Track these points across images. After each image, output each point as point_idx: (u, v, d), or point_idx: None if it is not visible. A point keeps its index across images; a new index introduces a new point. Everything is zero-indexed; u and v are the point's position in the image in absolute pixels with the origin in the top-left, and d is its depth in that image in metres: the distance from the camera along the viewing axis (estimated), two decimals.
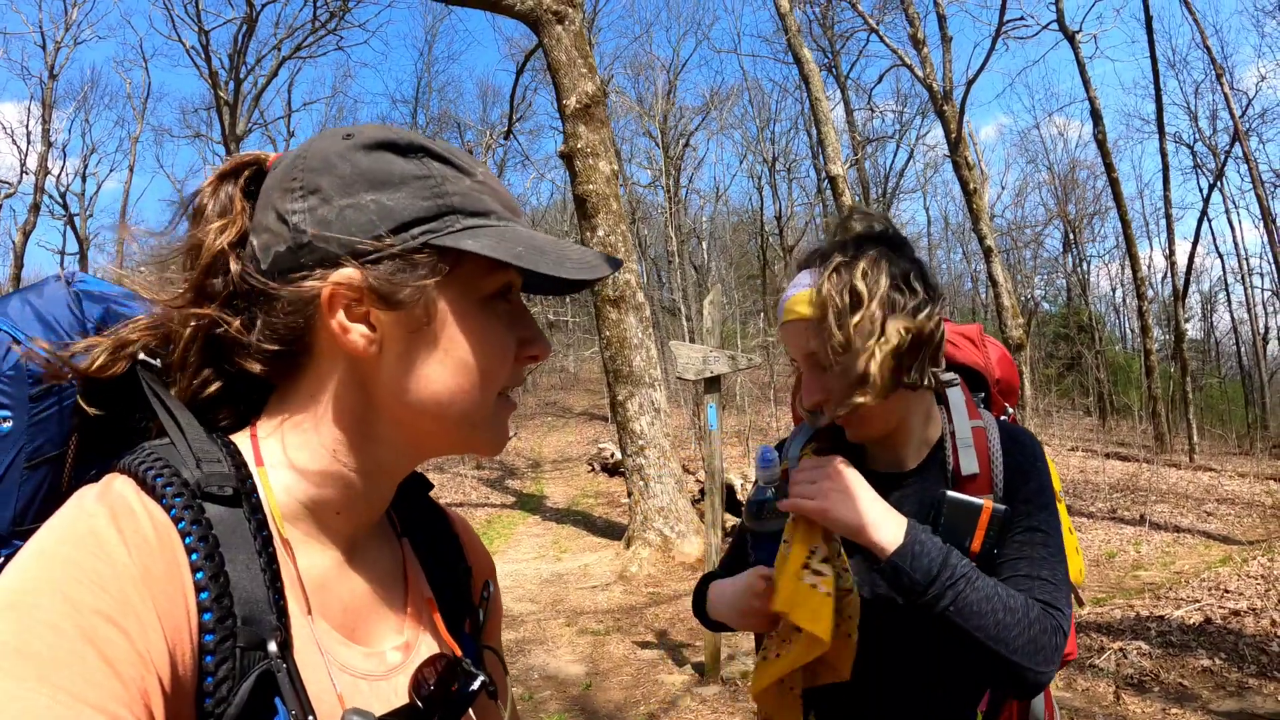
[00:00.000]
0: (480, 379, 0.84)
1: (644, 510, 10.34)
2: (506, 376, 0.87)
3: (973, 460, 1.58)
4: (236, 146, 25.07)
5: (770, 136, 36.81)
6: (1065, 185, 33.65)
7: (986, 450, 1.59)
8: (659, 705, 5.83)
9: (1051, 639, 1.41)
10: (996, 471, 1.57)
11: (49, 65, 27.02)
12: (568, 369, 36.99)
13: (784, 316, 1.59)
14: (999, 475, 1.56)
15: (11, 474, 0.90)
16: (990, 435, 1.61)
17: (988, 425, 1.63)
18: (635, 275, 10.75)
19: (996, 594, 1.40)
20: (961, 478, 1.58)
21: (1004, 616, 1.38)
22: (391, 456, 0.87)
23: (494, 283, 0.85)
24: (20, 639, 0.59)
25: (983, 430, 1.62)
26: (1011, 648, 1.37)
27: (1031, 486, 1.55)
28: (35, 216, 25.58)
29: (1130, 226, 20.82)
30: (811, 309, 1.51)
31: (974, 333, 1.96)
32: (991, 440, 1.60)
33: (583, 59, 10.81)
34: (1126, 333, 35.75)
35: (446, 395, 0.83)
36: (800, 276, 1.59)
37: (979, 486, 1.56)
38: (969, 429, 1.62)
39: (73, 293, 0.99)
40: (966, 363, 1.85)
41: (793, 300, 1.57)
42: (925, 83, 17.74)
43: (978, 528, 1.48)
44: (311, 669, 0.76)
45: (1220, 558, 8.81)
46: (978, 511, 1.49)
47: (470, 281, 0.83)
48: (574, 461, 20.76)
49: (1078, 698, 5.35)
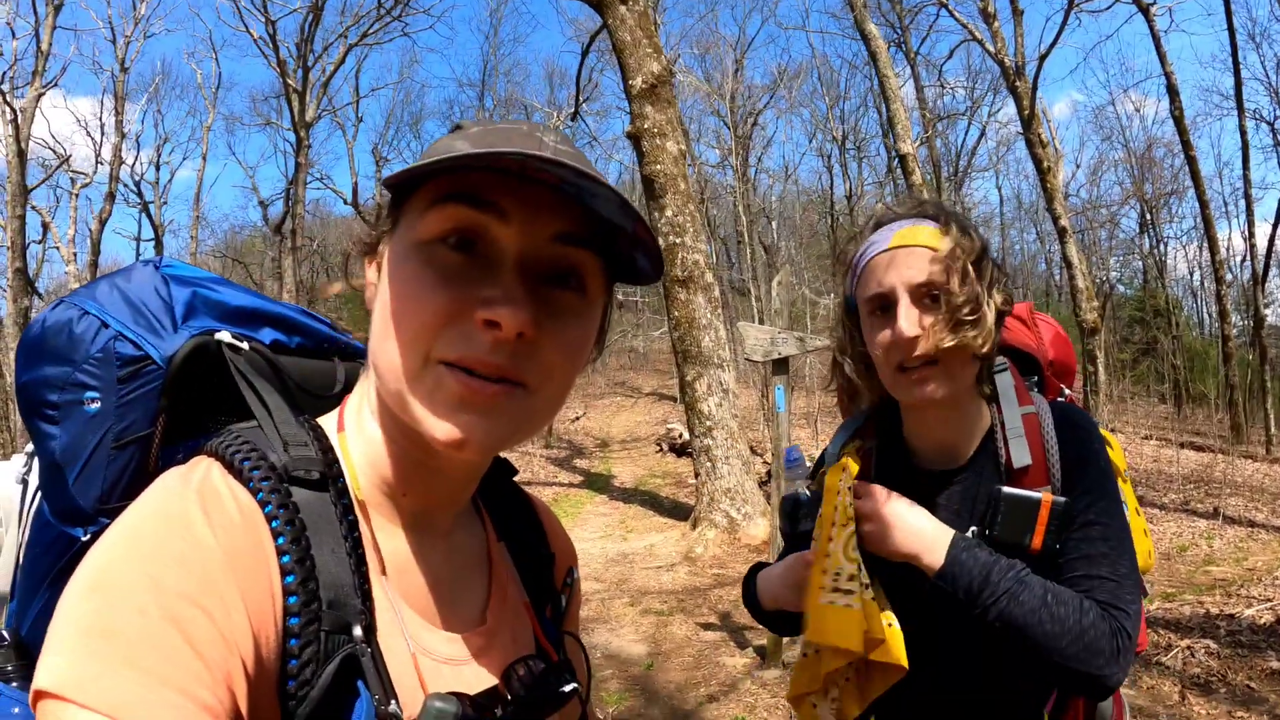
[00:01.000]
0: (393, 330, 0.75)
1: (710, 491, 10.33)
2: (432, 335, 0.73)
3: (1025, 451, 1.51)
4: (306, 133, 25.51)
5: (840, 114, 36.39)
6: (1142, 164, 32.56)
7: (1040, 439, 1.52)
8: (719, 687, 5.83)
9: (1111, 641, 1.37)
10: (1052, 460, 1.50)
11: (120, 59, 27.67)
12: (637, 349, 37.04)
13: (895, 242, 1.47)
14: (1055, 464, 1.49)
15: (99, 453, 0.92)
16: (1044, 422, 1.53)
17: (1040, 411, 1.54)
18: (704, 255, 10.69)
19: (1045, 603, 1.37)
20: (1014, 470, 1.51)
21: (1051, 627, 1.36)
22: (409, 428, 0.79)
23: (430, 225, 0.75)
24: (105, 620, 0.60)
25: (1035, 417, 1.54)
26: (1066, 655, 1.35)
27: (1091, 475, 1.48)
28: (111, 205, 26.23)
29: (1209, 207, 20.10)
30: (940, 241, 1.45)
31: (1023, 311, 1.85)
32: (1045, 427, 1.52)
33: (648, 39, 10.75)
34: (1204, 318, 34.53)
35: (375, 346, 0.78)
36: (888, 227, 1.51)
37: (1034, 478, 1.50)
38: (1019, 417, 1.54)
39: (160, 277, 1.01)
40: (1016, 345, 1.74)
41: (911, 229, 1.47)
42: (996, 58, 17.30)
43: (1037, 524, 1.44)
44: (394, 653, 0.76)
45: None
46: (1036, 506, 1.44)
47: (409, 225, 0.77)
48: (642, 441, 20.81)
49: (1142, 696, 5.22)
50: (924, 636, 1.51)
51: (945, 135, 35.53)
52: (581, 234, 0.77)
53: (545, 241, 0.76)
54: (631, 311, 38.77)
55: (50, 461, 0.94)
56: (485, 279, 0.74)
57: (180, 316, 0.96)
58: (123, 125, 27.60)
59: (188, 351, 0.93)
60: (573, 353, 0.80)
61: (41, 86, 19.37)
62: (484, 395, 0.73)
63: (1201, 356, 28.55)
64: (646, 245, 0.78)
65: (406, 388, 0.75)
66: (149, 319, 0.95)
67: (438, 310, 0.73)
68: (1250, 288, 22.42)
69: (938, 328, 1.42)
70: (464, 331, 0.73)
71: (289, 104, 26.41)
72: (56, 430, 0.93)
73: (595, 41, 18.90)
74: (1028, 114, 16.69)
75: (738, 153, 33.37)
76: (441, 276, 0.74)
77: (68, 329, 0.94)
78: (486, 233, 0.75)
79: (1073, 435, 1.51)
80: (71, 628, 0.60)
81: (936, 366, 1.45)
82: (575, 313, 0.79)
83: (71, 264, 27.36)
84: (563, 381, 0.80)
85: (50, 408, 0.94)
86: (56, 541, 0.96)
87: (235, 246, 43.37)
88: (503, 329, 0.72)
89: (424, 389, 0.74)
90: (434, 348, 0.73)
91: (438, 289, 0.73)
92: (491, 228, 0.74)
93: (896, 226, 1.50)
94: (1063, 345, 1.86)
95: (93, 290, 0.99)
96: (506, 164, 0.71)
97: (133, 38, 28.13)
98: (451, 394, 0.73)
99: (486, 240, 0.75)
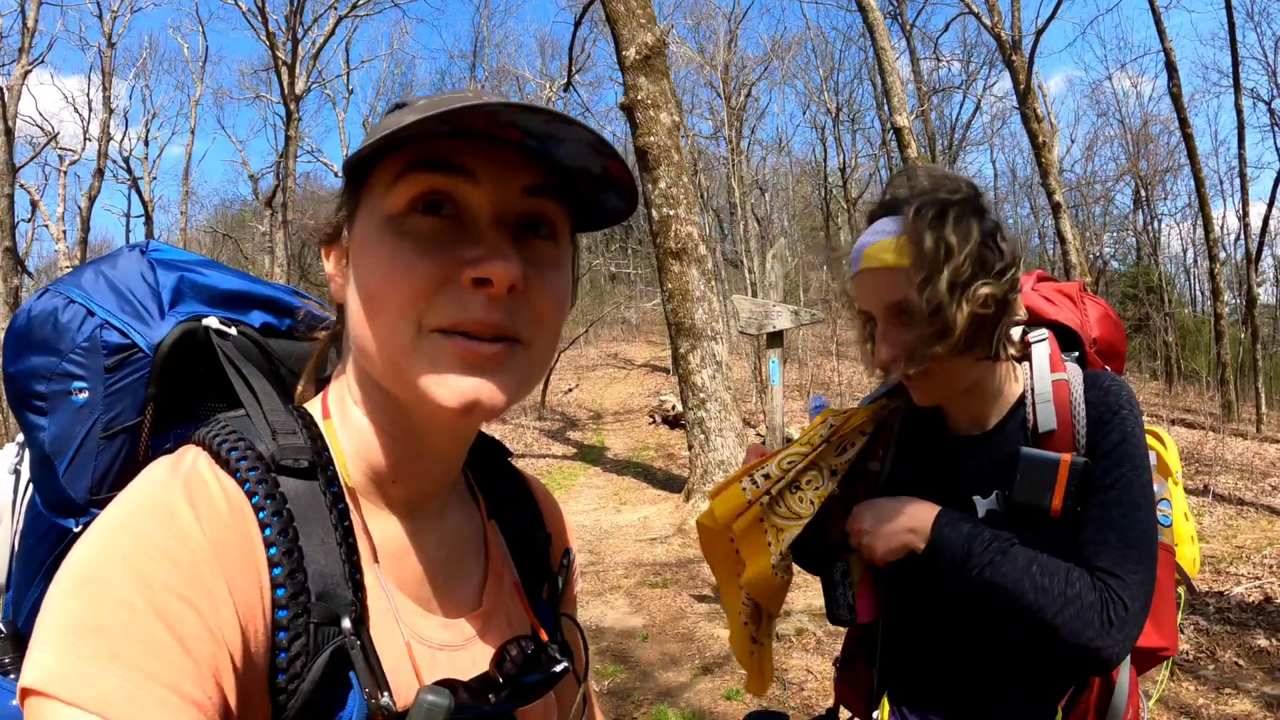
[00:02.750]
0: (380, 306, 0.74)
1: (704, 463, 10.35)
2: (424, 303, 0.72)
3: (1051, 416, 1.50)
4: (296, 106, 25.27)
5: (834, 86, 36.05)
6: (1137, 140, 32.42)
7: (1068, 403, 1.50)
8: (711, 660, 5.87)
9: (1101, 612, 1.35)
10: (1079, 425, 1.48)
11: (106, 34, 27.37)
12: (629, 321, 36.99)
13: (863, 264, 1.49)
14: (1081, 429, 1.48)
15: (88, 444, 0.91)
16: (1074, 387, 1.52)
17: (1071, 378, 1.53)
18: (698, 227, 10.65)
19: (1028, 573, 1.38)
20: (1039, 434, 1.50)
21: (1035, 597, 1.37)
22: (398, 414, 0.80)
23: (398, 197, 0.74)
24: (93, 616, 0.59)
25: (1065, 384, 1.52)
26: (1054, 625, 1.35)
27: (1112, 438, 1.45)
28: (100, 182, 26.02)
29: (1204, 185, 19.94)
30: (900, 257, 1.43)
31: (1073, 290, 1.82)
32: (1075, 392, 1.51)
33: (641, 9, 10.66)
34: (1197, 296, 34.45)
35: (360, 329, 0.76)
36: (881, 224, 1.50)
37: (1059, 443, 1.48)
38: (1049, 384, 1.53)
39: (147, 262, 1.00)
40: (1060, 320, 1.72)
41: (876, 247, 1.47)
42: (993, 31, 17.19)
43: (1056, 484, 1.42)
44: (387, 642, 0.76)
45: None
46: (1055, 466, 1.43)
47: (374, 203, 0.76)
48: (635, 413, 20.83)
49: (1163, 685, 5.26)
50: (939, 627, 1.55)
51: (940, 108, 35.47)
52: (548, 184, 0.77)
53: (515, 196, 0.75)
54: (625, 283, 38.73)
55: (40, 453, 0.94)
56: (464, 240, 0.73)
57: (167, 302, 0.96)
58: (110, 101, 27.35)
59: (175, 339, 0.92)
60: (559, 300, 0.79)
61: (28, 63, 19.13)
62: (484, 356, 0.73)
63: (1194, 334, 28.61)
64: (619, 182, 0.78)
65: (404, 362, 0.73)
66: (135, 306, 0.94)
67: (425, 277, 0.72)
68: (1243, 266, 22.36)
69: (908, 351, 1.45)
70: (454, 296, 0.72)
71: (278, 77, 26.10)
72: (45, 421, 0.93)
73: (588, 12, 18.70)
74: (1024, 88, 16.61)
75: (731, 124, 33.17)
76: (421, 245, 0.73)
77: (53, 318, 0.93)
78: (458, 195, 0.74)
79: (1099, 398, 1.50)
80: (57, 624, 0.60)
81: (925, 378, 1.49)
82: (554, 261, 0.79)
83: (61, 242, 27.24)
84: (554, 331, 0.80)
85: (38, 399, 0.93)
86: (50, 532, 0.96)
87: (226, 221, 43.16)
88: (495, 284, 0.71)
89: (423, 360, 0.73)
90: (426, 317, 0.72)
91: (420, 257, 0.72)
92: (462, 190, 0.73)
93: (867, 241, 1.50)
94: (1111, 326, 1.82)
95: (78, 277, 0.97)
96: (471, 123, 0.69)
97: (119, 12, 27.85)
98: (453, 359, 0.72)
99: (458, 203, 0.74)
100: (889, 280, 1.45)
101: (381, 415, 0.81)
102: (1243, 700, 4.84)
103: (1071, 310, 1.75)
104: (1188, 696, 4.93)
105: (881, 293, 1.47)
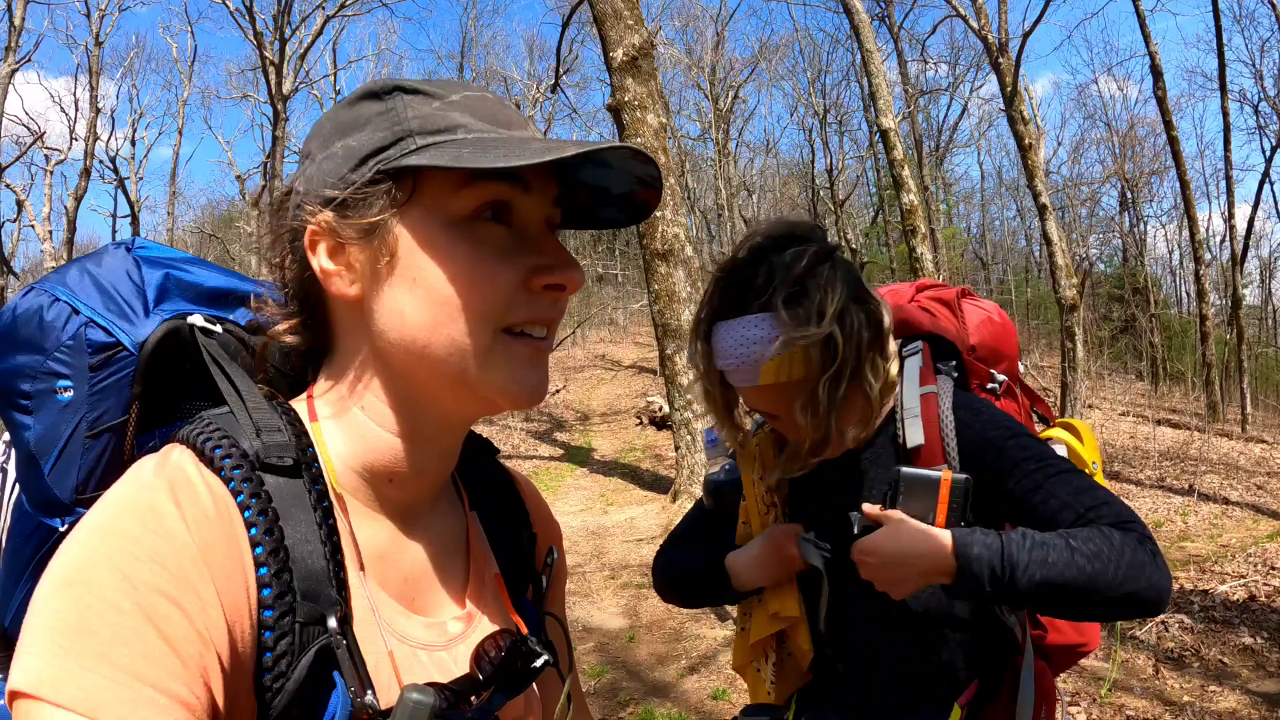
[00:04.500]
0: (458, 310, 0.76)
1: (690, 465, 10.34)
2: (504, 308, 0.77)
3: (919, 430, 1.50)
4: (283, 106, 25.12)
5: (821, 89, 36.01)
6: (1124, 143, 32.53)
7: (936, 417, 1.51)
8: (698, 659, 5.89)
9: (1145, 548, 1.33)
10: (949, 440, 1.48)
11: (94, 33, 27.10)
12: (617, 322, 36.97)
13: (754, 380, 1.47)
14: (951, 443, 1.48)
15: (74, 443, 0.91)
16: (942, 399, 1.52)
17: (940, 391, 1.54)
18: (684, 229, 10.65)
19: (1071, 549, 1.31)
20: (907, 449, 1.51)
21: (1092, 566, 1.29)
22: (416, 415, 0.82)
23: (466, 201, 0.76)
24: (79, 617, 0.59)
25: (934, 397, 1.53)
26: (1117, 584, 1.29)
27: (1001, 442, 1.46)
28: (86, 181, 25.75)
29: (1189, 187, 20.05)
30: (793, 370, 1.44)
31: (950, 297, 1.83)
32: (943, 404, 1.52)
33: (629, 10, 10.65)
34: (1182, 297, 34.56)
35: (424, 332, 0.77)
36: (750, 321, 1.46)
37: (929, 457, 1.49)
38: (918, 397, 1.54)
39: (132, 260, 0.99)
40: (934, 330, 1.71)
41: (764, 369, 1.45)
42: (980, 34, 17.21)
43: (939, 502, 1.40)
44: (370, 641, 0.76)
45: (1269, 532, 8.57)
46: (935, 485, 1.41)
47: (435, 203, 0.77)
48: (622, 414, 20.80)
49: (1116, 669, 5.29)
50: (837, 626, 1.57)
51: (927, 110, 35.49)
52: (565, 194, 0.84)
53: (551, 205, 0.82)
54: (611, 284, 38.67)
55: (26, 452, 0.93)
56: (526, 247, 0.80)
57: (153, 300, 0.95)
58: (98, 100, 27.13)
59: (160, 337, 0.92)
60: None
61: (14, 62, 18.98)
62: (544, 352, 0.82)
63: (1179, 335, 28.77)
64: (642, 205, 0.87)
65: (479, 362, 0.78)
66: (120, 304, 0.94)
67: (508, 284, 0.78)
68: (1229, 268, 22.43)
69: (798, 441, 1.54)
70: (526, 300, 0.79)
71: (266, 77, 25.92)
72: (31, 420, 0.92)
73: (576, 13, 18.70)
74: (1010, 91, 16.65)
75: (718, 126, 33.24)
76: (498, 252, 0.78)
77: (38, 316, 0.93)
78: (514, 204, 0.79)
79: (971, 418, 1.50)
80: (45, 626, 0.60)
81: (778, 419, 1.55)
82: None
83: (47, 242, 26.94)
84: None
85: (24, 397, 0.93)
86: (36, 531, 0.95)
87: (213, 221, 42.91)
88: (568, 289, 0.81)
89: (496, 360, 0.78)
90: (503, 319, 0.78)
91: (501, 264, 0.78)
92: (519, 199, 0.79)
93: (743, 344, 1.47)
94: (993, 329, 1.81)
95: (63, 275, 0.97)
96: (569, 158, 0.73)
97: (107, 11, 27.63)
98: (524, 358, 0.80)
99: (515, 211, 0.80)
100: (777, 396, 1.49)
101: (396, 417, 0.82)
102: (1229, 697, 4.86)
103: (948, 319, 1.77)
104: (1173, 694, 4.95)
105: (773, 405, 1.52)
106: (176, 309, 0.95)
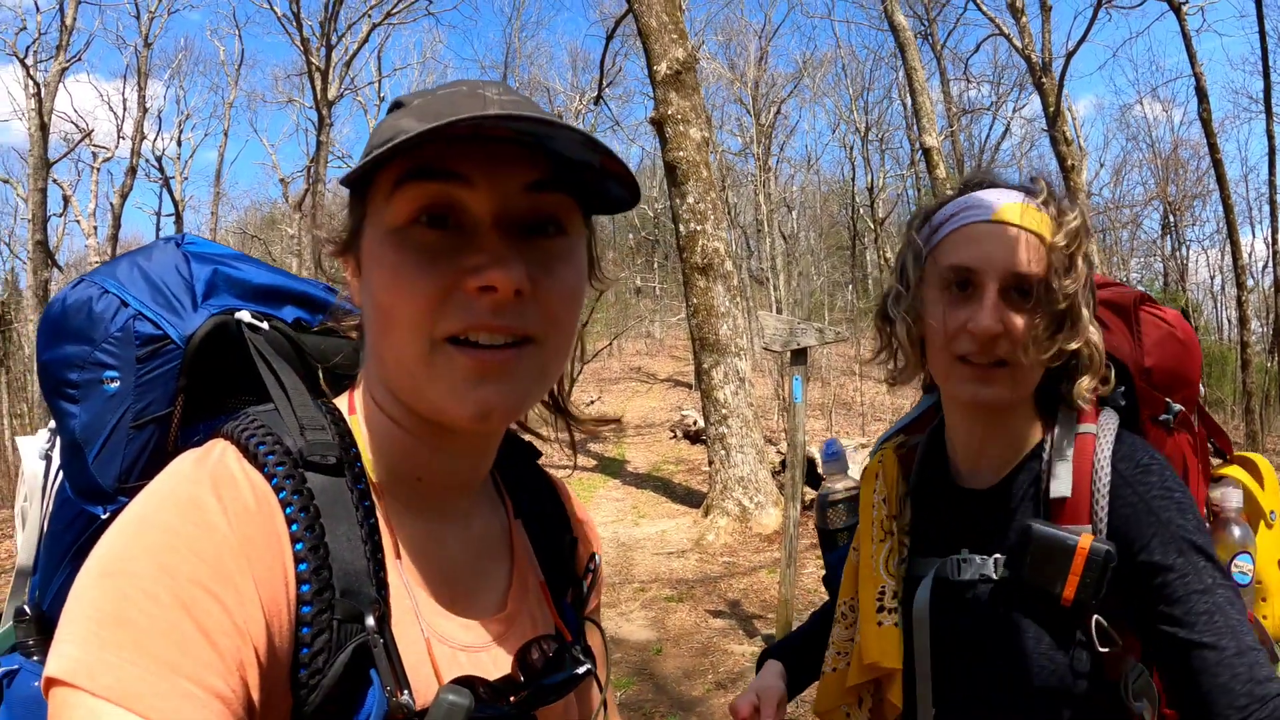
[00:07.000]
0: (392, 321, 0.74)
1: (724, 479, 10.31)
2: (430, 316, 0.73)
3: (1067, 480, 1.26)
4: (328, 111, 25.45)
5: (864, 105, 36.01)
6: (1166, 165, 32.10)
7: (1090, 467, 1.26)
8: (726, 675, 5.83)
9: None
10: (1099, 497, 1.24)
11: (144, 34, 27.59)
12: (654, 335, 36.99)
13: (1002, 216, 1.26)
14: (1102, 501, 1.23)
15: (118, 433, 0.92)
16: (1101, 446, 1.27)
17: (1101, 431, 1.29)
18: (724, 243, 10.65)
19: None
20: (1049, 500, 1.28)
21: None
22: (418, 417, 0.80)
23: (399, 208, 0.74)
24: (117, 608, 0.60)
25: (1091, 439, 1.28)
26: None
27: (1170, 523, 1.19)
28: (132, 180, 26.24)
29: (1233, 211, 19.60)
30: (1043, 227, 1.24)
31: (1128, 302, 1.46)
32: (1101, 453, 1.26)
33: (673, 24, 10.68)
34: (1224, 323, 33.96)
35: (378, 343, 0.78)
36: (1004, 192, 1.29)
37: (1072, 513, 1.26)
38: (1073, 436, 1.29)
39: (181, 254, 1.01)
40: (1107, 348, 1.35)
41: (1024, 208, 1.26)
42: (1024, 53, 17.11)
43: (1070, 573, 1.19)
44: (408, 640, 0.75)
45: None
46: (1070, 554, 1.20)
47: (376, 215, 0.76)
48: (657, 427, 20.77)
49: None
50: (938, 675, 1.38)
51: (969, 129, 35.27)
52: (549, 178, 0.76)
53: (516, 194, 0.75)
54: (650, 297, 38.76)
55: (70, 440, 0.94)
56: (467, 248, 0.73)
57: (201, 295, 0.96)
58: (145, 101, 27.64)
59: (207, 331, 0.93)
60: (570, 296, 0.80)
61: (65, 61, 19.40)
62: (495, 363, 0.74)
63: (1220, 362, 28.28)
64: (617, 174, 0.77)
65: (418, 374, 0.75)
66: (168, 297, 0.95)
67: (429, 291, 0.72)
68: (1272, 294, 22.11)
69: (1030, 331, 1.23)
70: (461, 304, 0.72)
71: (311, 82, 26.28)
72: (77, 409, 0.94)
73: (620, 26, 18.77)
74: (1053, 111, 16.53)
75: (760, 141, 33.25)
76: (423, 257, 0.73)
77: (87, 307, 0.94)
78: (456, 202, 0.74)
79: (1134, 474, 1.25)
80: (83, 615, 0.60)
81: (1005, 369, 1.26)
82: (563, 257, 0.79)
83: (92, 237, 27.50)
84: (568, 327, 0.81)
85: (71, 386, 0.94)
86: (77, 518, 0.96)
87: (255, 222, 43.56)
88: (499, 290, 0.72)
89: (436, 372, 0.74)
90: (435, 328, 0.73)
91: (422, 271, 0.73)
92: (460, 196, 0.73)
93: (1005, 197, 1.28)
94: (1174, 349, 1.43)
95: (113, 268, 0.98)
96: (459, 130, 0.69)
97: (156, 13, 28.14)
98: (465, 370, 0.73)
99: (458, 210, 0.74)
100: (1029, 249, 1.24)
101: (402, 416, 0.81)
102: None
103: (1123, 333, 1.43)
104: None
105: (1015, 259, 1.24)
106: (224, 304, 0.97)
